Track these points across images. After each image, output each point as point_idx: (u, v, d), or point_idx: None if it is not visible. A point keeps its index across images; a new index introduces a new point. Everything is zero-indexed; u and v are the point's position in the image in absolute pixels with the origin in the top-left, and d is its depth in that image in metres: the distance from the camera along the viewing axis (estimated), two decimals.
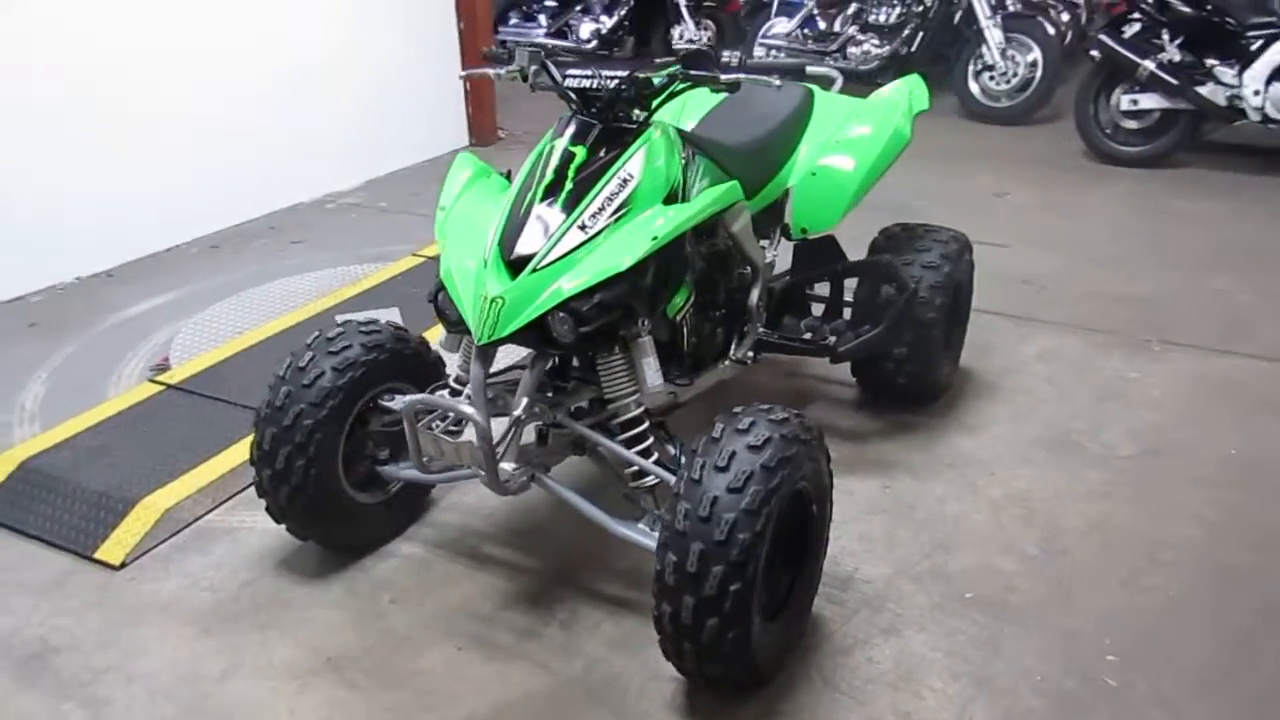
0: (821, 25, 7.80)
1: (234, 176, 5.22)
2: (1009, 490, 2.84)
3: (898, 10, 7.36)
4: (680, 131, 2.52)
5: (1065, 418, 3.21)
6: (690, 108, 3.25)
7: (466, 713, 2.13)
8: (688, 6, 8.72)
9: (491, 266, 2.15)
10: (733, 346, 2.85)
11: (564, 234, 2.14)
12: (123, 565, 2.61)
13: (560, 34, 9.33)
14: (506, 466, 2.21)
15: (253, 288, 4.34)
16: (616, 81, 2.27)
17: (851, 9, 7.64)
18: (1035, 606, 2.39)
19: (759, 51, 8.15)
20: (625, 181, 2.21)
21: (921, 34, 7.28)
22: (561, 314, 2.10)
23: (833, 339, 3.02)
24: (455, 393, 2.44)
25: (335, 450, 2.42)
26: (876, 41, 7.45)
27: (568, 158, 2.24)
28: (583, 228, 2.16)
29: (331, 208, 5.61)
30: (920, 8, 7.28)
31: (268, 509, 2.47)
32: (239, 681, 2.23)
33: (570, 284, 2.10)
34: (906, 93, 3.15)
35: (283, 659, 2.29)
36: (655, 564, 1.95)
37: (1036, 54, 6.81)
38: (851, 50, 7.55)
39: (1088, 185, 5.60)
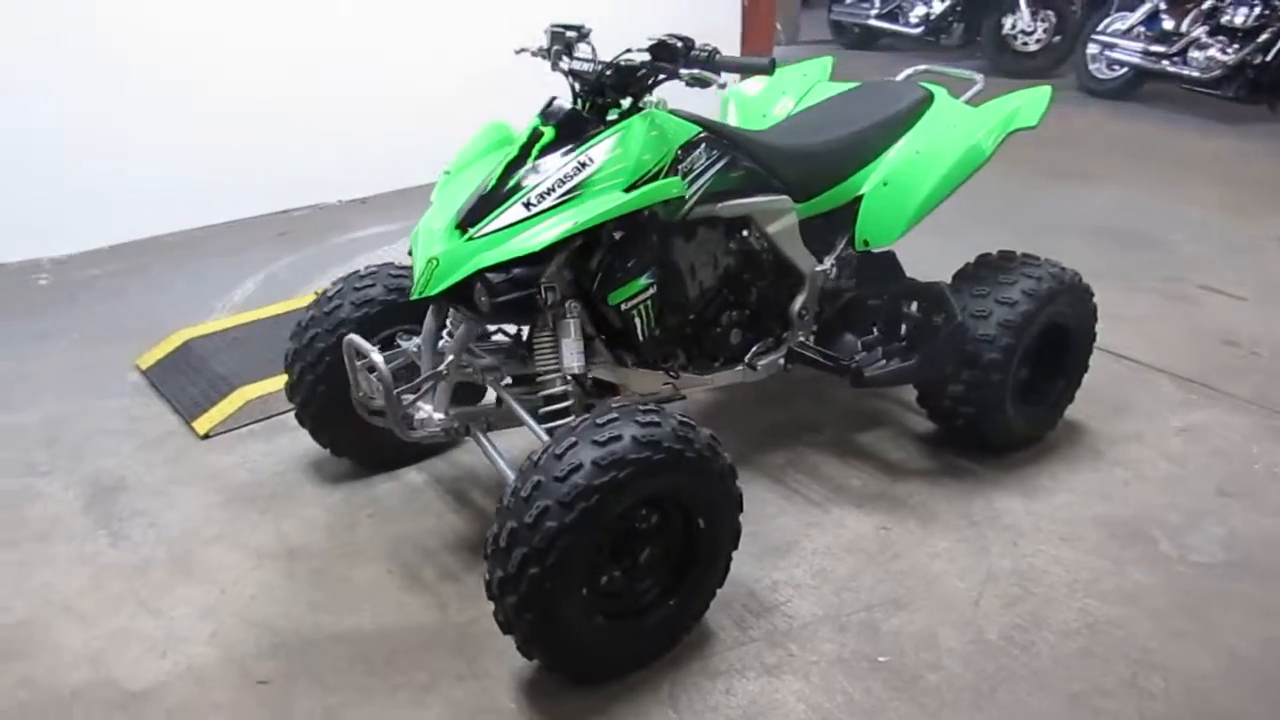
0: (1166, 24, 6.83)
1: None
2: (1020, 566, 2.50)
3: (1257, 10, 6.26)
4: (702, 121, 2.49)
5: (1159, 505, 2.73)
6: (806, 100, 3.15)
7: (353, 624, 2.36)
8: None
9: (445, 230, 2.30)
10: (752, 350, 2.77)
11: (507, 208, 2.23)
12: (205, 436, 3.13)
13: (891, 16, 9.01)
14: (435, 415, 2.39)
15: None
16: (601, 67, 2.31)
17: (1206, 4, 6.61)
18: (946, 692, 2.12)
19: (1092, 49, 7.35)
20: (583, 166, 2.25)
21: None
22: (479, 283, 2.21)
23: (877, 364, 2.80)
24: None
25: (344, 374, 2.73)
26: (1225, 46, 6.39)
27: (536, 137, 2.32)
28: (527, 205, 2.23)
29: None
30: None
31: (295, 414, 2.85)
32: (218, 548, 2.63)
33: (490, 256, 2.19)
34: (1014, 106, 2.80)
35: (259, 541, 2.66)
36: None
37: None
38: (1193, 55, 6.57)
39: None
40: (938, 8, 8.55)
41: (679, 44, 2.22)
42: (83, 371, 3.56)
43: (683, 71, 2.19)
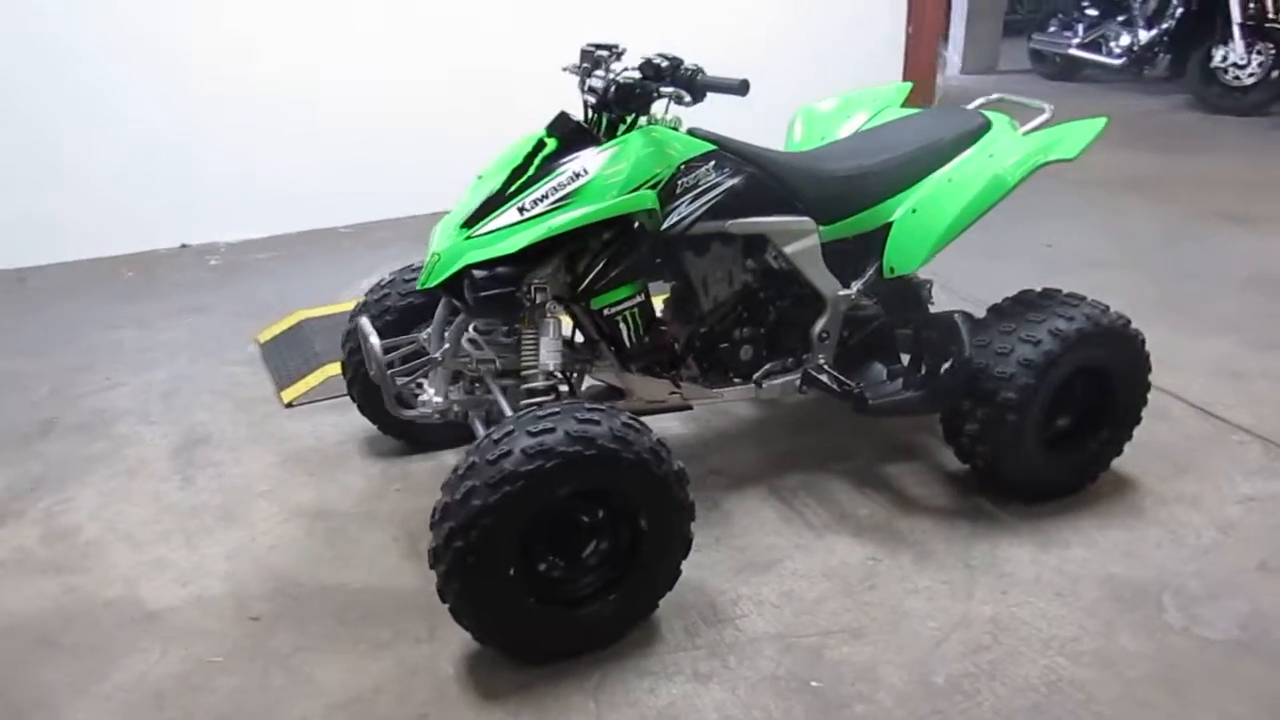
0: None
1: None
2: (1001, 614, 2.38)
3: None
4: (716, 139, 2.56)
5: (1185, 573, 2.51)
6: (871, 123, 3.15)
7: (345, 580, 2.59)
8: (1243, 25, 7.33)
9: (454, 228, 2.50)
10: (764, 369, 2.79)
11: (504, 212, 2.40)
12: (289, 405, 3.50)
13: (1094, 45, 8.52)
14: (434, 399, 2.59)
15: None
16: (605, 84, 2.44)
17: None
18: None
19: None
20: (578, 176, 2.38)
21: None
22: (467, 279, 2.39)
23: (884, 393, 2.75)
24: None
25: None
26: None
27: (540, 146, 2.48)
28: (521, 210, 2.38)
29: None
30: None
31: None
32: (263, 501, 2.95)
33: (475, 254, 2.37)
34: (1054, 138, 2.68)
35: (298, 500, 2.96)
36: None
37: None
38: None
39: None
40: (1144, 37, 8.00)
41: (665, 63, 2.32)
42: (214, 340, 4.06)
43: (663, 89, 2.29)
